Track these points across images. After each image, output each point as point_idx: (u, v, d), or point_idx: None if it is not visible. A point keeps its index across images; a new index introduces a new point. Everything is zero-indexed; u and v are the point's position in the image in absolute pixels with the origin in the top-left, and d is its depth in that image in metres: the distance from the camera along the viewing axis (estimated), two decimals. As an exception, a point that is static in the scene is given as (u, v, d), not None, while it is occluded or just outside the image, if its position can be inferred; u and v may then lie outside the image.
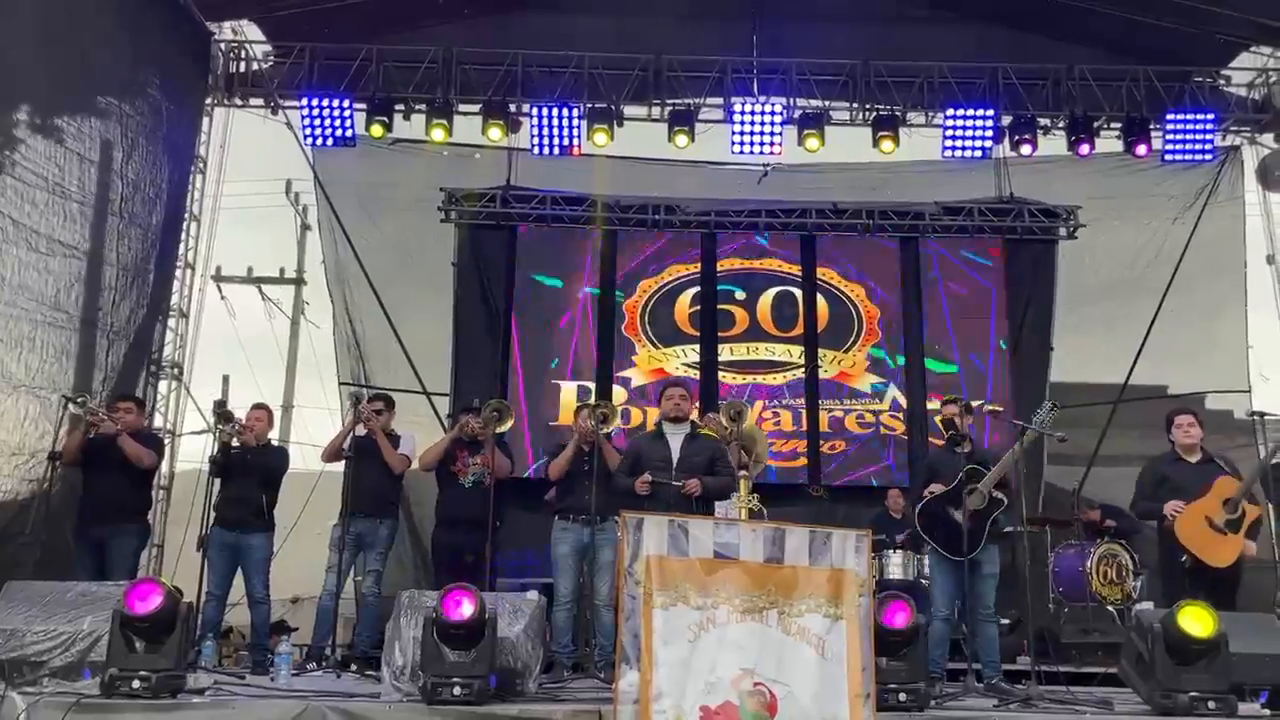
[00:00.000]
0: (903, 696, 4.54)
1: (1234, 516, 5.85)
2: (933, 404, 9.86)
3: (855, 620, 4.00)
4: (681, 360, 10.11)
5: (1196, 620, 4.70)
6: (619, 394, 9.88)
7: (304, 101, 9.55)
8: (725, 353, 10.14)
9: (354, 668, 6.35)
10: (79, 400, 6.61)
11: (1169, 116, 9.73)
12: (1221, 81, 10.27)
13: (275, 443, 7.29)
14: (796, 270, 10.35)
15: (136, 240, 8.39)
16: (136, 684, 4.37)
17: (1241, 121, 10.32)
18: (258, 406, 6.97)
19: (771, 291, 10.29)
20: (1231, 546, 5.85)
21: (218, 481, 6.58)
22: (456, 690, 4.42)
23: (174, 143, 8.94)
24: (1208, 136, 9.81)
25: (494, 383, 9.92)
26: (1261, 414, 6.77)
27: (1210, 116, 9.80)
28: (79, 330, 7.65)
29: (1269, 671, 4.94)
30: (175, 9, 8.92)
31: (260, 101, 10.03)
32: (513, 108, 9.73)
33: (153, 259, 8.67)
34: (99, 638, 4.65)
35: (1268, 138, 10.41)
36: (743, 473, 5.60)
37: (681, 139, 9.66)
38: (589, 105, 9.64)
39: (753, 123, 9.52)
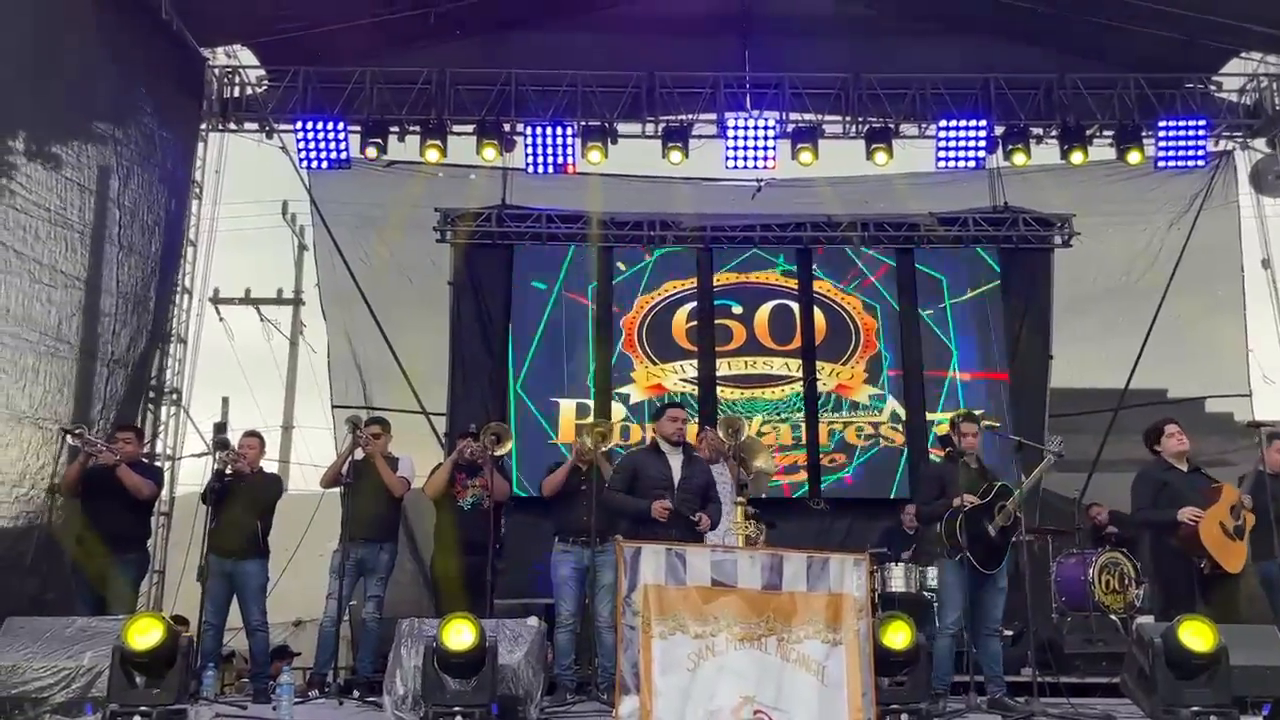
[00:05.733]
0: (904, 717, 4.54)
1: (1239, 523, 5.93)
2: (932, 415, 9.89)
3: (854, 645, 4.00)
4: (680, 376, 10.10)
5: (1197, 635, 4.71)
6: (617, 410, 9.87)
7: (298, 125, 9.61)
8: (723, 367, 10.13)
9: (356, 694, 6.34)
10: (76, 431, 6.62)
11: (1161, 123, 9.76)
12: (1212, 88, 10.30)
13: (269, 469, 7.30)
14: (793, 284, 10.35)
15: (135, 268, 8.39)
16: (137, 719, 4.39)
17: (1234, 127, 10.36)
18: (249, 434, 6.95)
19: (768, 305, 10.29)
20: (1241, 552, 5.92)
21: (211, 509, 6.58)
22: (458, 719, 4.44)
23: (170, 169, 8.96)
24: (1200, 142, 9.83)
25: (491, 402, 9.93)
26: (1259, 423, 6.75)
27: (1202, 122, 9.83)
28: (78, 360, 7.64)
29: (1271, 684, 4.94)
30: (168, 36, 8.94)
31: (255, 126, 10.05)
32: (507, 127, 9.77)
33: (153, 286, 8.68)
34: (100, 673, 4.66)
35: (1260, 142, 10.43)
36: (739, 499, 5.55)
37: (675, 155, 9.71)
38: (583, 123, 9.68)
39: (746, 138, 9.56)
